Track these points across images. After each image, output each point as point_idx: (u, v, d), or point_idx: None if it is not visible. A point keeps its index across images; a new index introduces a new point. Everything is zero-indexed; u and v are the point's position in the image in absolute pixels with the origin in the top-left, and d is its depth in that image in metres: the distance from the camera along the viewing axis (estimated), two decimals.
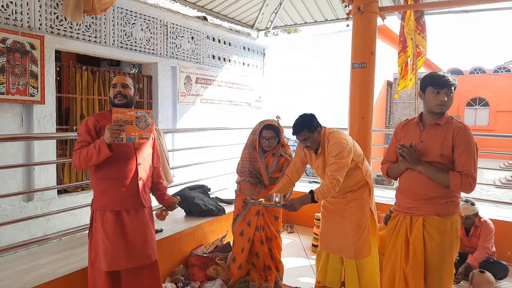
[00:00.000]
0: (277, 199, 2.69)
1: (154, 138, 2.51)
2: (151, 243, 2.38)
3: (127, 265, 2.25)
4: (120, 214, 2.24)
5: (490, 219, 3.72)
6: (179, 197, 2.68)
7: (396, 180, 2.48)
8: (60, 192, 5.33)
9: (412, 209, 2.30)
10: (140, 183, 2.31)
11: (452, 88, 2.23)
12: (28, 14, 4.73)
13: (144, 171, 2.35)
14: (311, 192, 2.60)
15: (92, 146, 2.12)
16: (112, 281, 2.25)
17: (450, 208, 2.22)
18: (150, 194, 2.55)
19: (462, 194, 2.57)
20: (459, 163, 2.13)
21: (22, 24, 4.67)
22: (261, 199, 2.88)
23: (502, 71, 22.17)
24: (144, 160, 2.36)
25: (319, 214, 3.18)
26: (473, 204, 3.65)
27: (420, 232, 2.24)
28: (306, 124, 2.67)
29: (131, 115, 2.09)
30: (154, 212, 2.59)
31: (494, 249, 3.67)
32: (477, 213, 3.67)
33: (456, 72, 23.37)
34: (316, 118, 2.75)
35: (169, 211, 2.65)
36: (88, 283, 2.32)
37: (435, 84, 2.22)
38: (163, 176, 2.64)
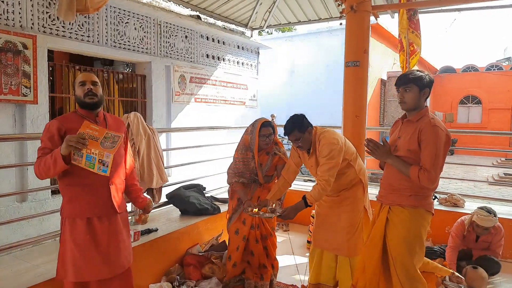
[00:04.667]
0: (274, 206, 2.78)
1: (126, 138, 2.35)
2: (125, 251, 2.22)
3: (98, 276, 2.09)
4: (91, 222, 2.08)
5: None
6: (150, 199, 2.51)
7: None
8: (54, 192, 5.30)
9: (382, 197, 2.48)
10: (112, 187, 2.14)
11: (410, 84, 2.29)
12: (20, 13, 4.70)
13: (116, 175, 2.17)
14: (304, 197, 2.65)
15: (49, 156, 1.94)
16: None
17: (413, 201, 2.31)
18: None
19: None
20: (422, 158, 2.23)
21: (14, 23, 4.64)
22: (257, 207, 2.88)
23: (494, 69, 22.29)
24: (115, 162, 2.12)
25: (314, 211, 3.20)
26: (496, 215, 3.49)
27: (384, 218, 2.41)
28: (297, 125, 2.70)
29: (101, 133, 1.94)
30: (130, 217, 2.44)
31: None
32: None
33: (449, 70, 23.47)
34: (306, 118, 2.77)
35: (147, 214, 2.52)
36: None
37: (395, 84, 2.38)
38: (138, 178, 2.49)
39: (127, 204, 2.43)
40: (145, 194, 2.90)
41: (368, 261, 2.46)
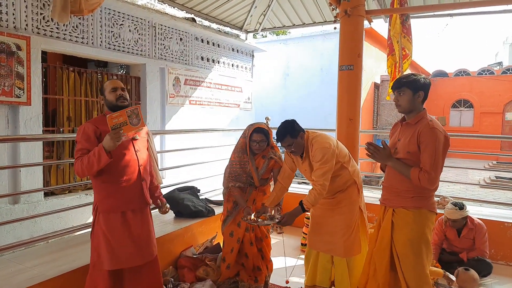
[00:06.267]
0: (273, 213, 2.82)
1: (148, 139, 2.59)
2: (154, 239, 2.47)
3: (133, 263, 2.30)
4: (125, 215, 2.29)
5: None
6: (167, 204, 2.78)
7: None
8: (47, 194, 5.27)
9: (386, 200, 2.52)
10: (144, 183, 2.39)
11: (403, 88, 2.35)
12: (13, 14, 4.68)
13: (145, 171, 2.44)
14: (301, 203, 2.68)
15: (91, 153, 2.12)
16: (114, 280, 2.28)
17: (415, 202, 2.36)
18: None
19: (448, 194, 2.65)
20: (421, 160, 2.28)
21: (7, 24, 4.62)
22: (254, 215, 2.91)
23: (486, 74, 22.56)
24: (144, 161, 2.44)
25: (309, 213, 3.22)
26: (461, 208, 3.61)
27: (389, 221, 2.44)
28: (288, 130, 2.72)
29: (124, 116, 2.10)
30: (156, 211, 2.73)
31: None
32: (466, 217, 3.66)
33: (442, 74, 23.71)
34: (297, 123, 2.79)
35: (168, 206, 2.77)
36: (86, 284, 2.31)
37: (391, 88, 2.47)
38: (154, 175, 2.69)
39: None
40: None
41: (378, 265, 2.48)
